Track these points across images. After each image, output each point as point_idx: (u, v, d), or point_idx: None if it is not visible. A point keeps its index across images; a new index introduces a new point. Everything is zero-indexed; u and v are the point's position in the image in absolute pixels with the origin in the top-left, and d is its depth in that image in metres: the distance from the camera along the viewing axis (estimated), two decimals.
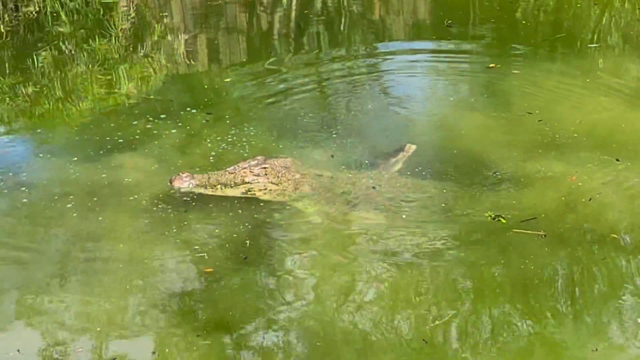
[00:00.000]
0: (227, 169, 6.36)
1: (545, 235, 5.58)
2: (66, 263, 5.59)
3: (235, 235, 5.78)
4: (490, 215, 5.83)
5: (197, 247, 5.69)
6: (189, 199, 6.19)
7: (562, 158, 6.62)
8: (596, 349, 4.64)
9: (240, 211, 6.09)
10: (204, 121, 7.62)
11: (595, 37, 10.05)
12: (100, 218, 6.03)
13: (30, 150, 7.30)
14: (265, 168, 6.31)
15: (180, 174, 6.21)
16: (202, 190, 6.19)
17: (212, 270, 5.41)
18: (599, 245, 5.54)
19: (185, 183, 6.15)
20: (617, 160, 6.52)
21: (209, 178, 6.24)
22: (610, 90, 8.15)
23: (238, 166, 6.35)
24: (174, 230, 5.88)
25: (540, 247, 5.50)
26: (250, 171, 6.29)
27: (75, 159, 6.93)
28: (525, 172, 6.41)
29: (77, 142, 7.38)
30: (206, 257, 5.55)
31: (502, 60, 9.15)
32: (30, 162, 7.04)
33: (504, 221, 5.76)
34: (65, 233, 5.92)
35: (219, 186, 6.23)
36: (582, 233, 5.68)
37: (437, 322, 4.87)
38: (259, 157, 6.47)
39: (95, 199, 6.29)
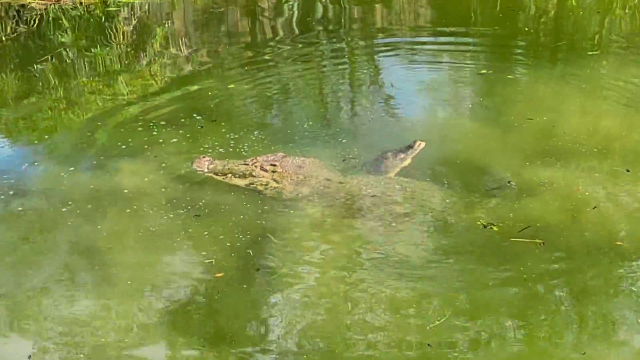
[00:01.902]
0: (246, 160, 6.52)
1: (544, 243, 5.56)
2: (68, 271, 5.58)
3: (239, 244, 5.76)
4: (482, 223, 5.80)
5: (203, 253, 5.67)
6: (195, 204, 6.20)
7: (568, 167, 6.60)
8: (584, 352, 4.64)
9: (241, 217, 6.08)
10: (198, 127, 7.63)
11: (596, 44, 10.05)
12: (99, 226, 6.02)
13: (30, 158, 7.30)
14: (274, 165, 6.39)
15: (202, 157, 6.56)
16: (214, 176, 6.44)
17: (222, 274, 5.39)
18: (598, 252, 5.52)
19: (204, 165, 6.47)
20: (628, 170, 6.47)
21: (225, 166, 6.44)
22: (613, 98, 8.16)
23: (255, 159, 6.49)
24: (177, 237, 5.87)
25: (539, 254, 5.48)
26: (261, 166, 6.37)
27: (76, 166, 6.93)
28: (530, 181, 6.36)
29: (78, 149, 7.37)
30: (213, 263, 5.54)
31: (502, 67, 9.15)
32: (31, 169, 7.04)
33: (495, 229, 5.73)
34: (66, 240, 5.91)
35: (229, 175, 6.41)
36: (583, 240, 5.65)
37: (437, 322, 4.87)
38: (279, 154, 6.56)
39: (96, 206, 6.28)
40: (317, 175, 6.39)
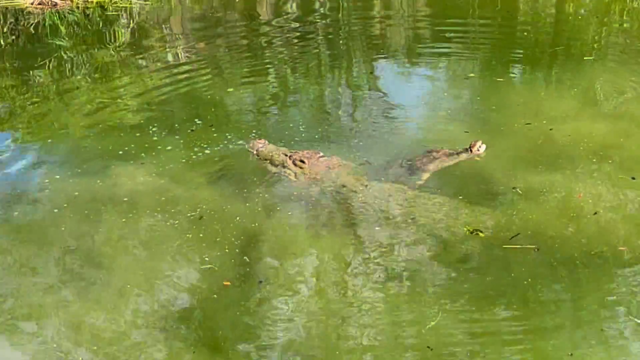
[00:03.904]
0: (291, 151, 6.86)
1: (537, 249, 5.55)
2: (65, 275, 5.55)
3: (237, 250, 5.74)
4: (468, 229, 5.78)
5: (201, 258, 5.64)
6: (194, 209, 6.19)
7: (568, 172, 6.56)
8: (571, 354, 4.65)
9: (239, 218, 6.07)
10: (189, 131, 7.64)
11: (594, 49, 10.06)
12: (99, 229, 6.01)
13: (29, 163, 7.27)
14: (302, 162, 6.61)
15: (258, 140, 7.10)
16: (257, 158, 6.94)
17: (229, 283, 5.37)
18: (599, 256, 5.51)
19: (255, 147, 7.02)
20: (633, 178, 6.43)
21: (270, 152, 6.88)
22: (612, 102, 8.16)
23: (296, 152, 6.79)
24: (176, 242, 5.85)
25: (534, 259, 5.48)
26: (293, 159, 6.64)
27: (74, 170, 6.91)
28: (530, 187, 6.33)
29: (76, 153, 7.35)
30: (215, 269, 5.52)
31: (502, 71, 9.17)
32: (29, 174, 7.02)
33: (482, 235, 5.72)
34: (64, 245, 5.87)
35: (268, 160, 6.83)
36: (582, 245, 5.64)
37: (432, 323, 4.89)
38: (319, 153, 6.75)
39: (93, 211, 6.25)
40: (335, 180, 6.47)
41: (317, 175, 6.56)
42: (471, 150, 6.70)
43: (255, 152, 6.99)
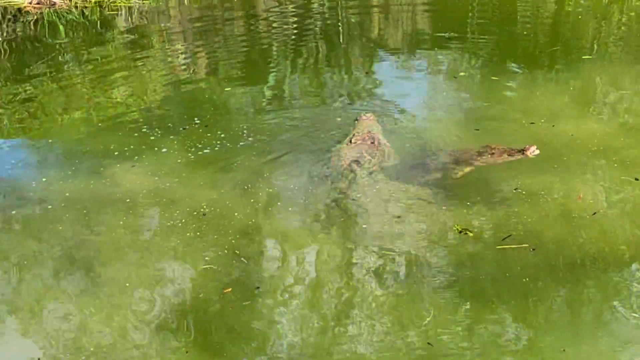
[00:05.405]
0: (369, 134, 7.17)
1: (534, 249, 5.54)
2: (64, 276, 5.55)
3: (237, 252, 5.72)
4: (457, 229, 5.79)
5: (199, 259, 5.64)
6: (192, 208, 6.18)
7: (568, 173, 6.56)
8: (564, 350, 4.67)
9: (237, 214, 6.06)
10: (180, 129, 7.64)
11: (594, 49, 10.06)
12: (97, 230, 6.00)
13: (27, 162, 7.27)
14: (350, 141, 7.02)
15: (366, 114, 7.59)
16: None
17: (230, 290, 5.35)
18: (597, 256, 5.51)
19: (360, 116, 7.54)
20: (636, 179, 6.43)
21: (362, 124, 7.34)
22: (611, 102, 8.16)
23: (369, 133, 7.15)
24: (174, 242, 5.84)
25: (531, 260, 5.49)
26: (358, 137, 7.06)
27: (71, 171, 6.90)
28: (531, 187, 6.32)
29: (74, 154, 7.34)
30: (215, 268, 5.52)
31: (500, 71, 9.17)
32: (27, 174, 7.01)
33: (471, 234, 5.73)
34: (62, 246, 5.87)
35: (352, 134, 7.22)
36: (578, 246, 5.64)
37: (428, 319, 4.93)
38: (376, 140, 7.05)
39: (91, 211, 6.25)
40: (349, 175, 6.55)
41: (344, 160, 6.70)
42: (524, 153, 6.69)
43: (356, 121, 7.47)
